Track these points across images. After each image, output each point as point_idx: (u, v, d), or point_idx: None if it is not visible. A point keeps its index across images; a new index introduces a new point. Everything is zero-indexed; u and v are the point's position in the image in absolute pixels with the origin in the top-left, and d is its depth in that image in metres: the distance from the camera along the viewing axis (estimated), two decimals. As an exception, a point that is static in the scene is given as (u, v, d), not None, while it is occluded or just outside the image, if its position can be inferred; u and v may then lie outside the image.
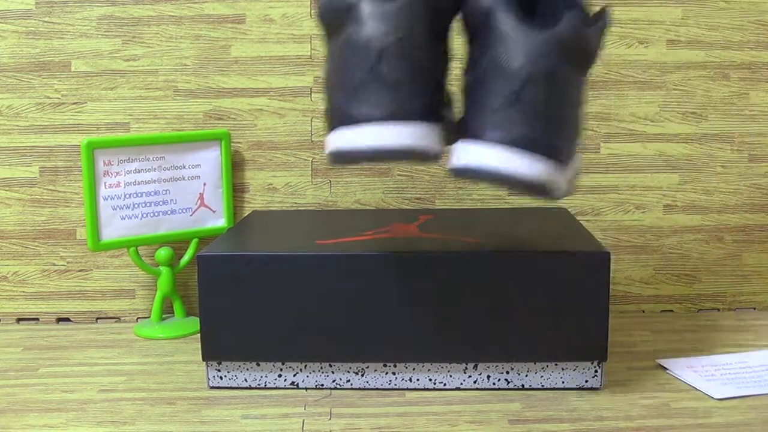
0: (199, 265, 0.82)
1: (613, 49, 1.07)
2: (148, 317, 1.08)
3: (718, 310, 1.11)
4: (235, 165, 1.08)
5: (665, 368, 0.89)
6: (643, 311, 1.10)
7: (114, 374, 0.89)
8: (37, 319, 1.09)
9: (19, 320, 1.09)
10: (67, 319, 1.09)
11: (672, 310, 1.11)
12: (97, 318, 1.09)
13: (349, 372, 0.84)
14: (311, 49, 1.06)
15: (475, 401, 0.81)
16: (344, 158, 0.69)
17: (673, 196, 1.09)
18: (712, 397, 0.81)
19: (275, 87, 1.07)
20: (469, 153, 0.68)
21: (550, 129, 0.67)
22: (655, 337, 0.99)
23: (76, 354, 0.96)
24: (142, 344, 1.00)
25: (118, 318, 1.09)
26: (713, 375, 0.86)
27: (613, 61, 1.07)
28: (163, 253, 1.04)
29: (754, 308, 1.11)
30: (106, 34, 1.05)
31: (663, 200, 1.09)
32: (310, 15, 1.06)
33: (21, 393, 0.84)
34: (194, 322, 1.05)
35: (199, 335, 1.03)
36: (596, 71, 1.07)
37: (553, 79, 0.67)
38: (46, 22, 1.05)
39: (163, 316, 1.06)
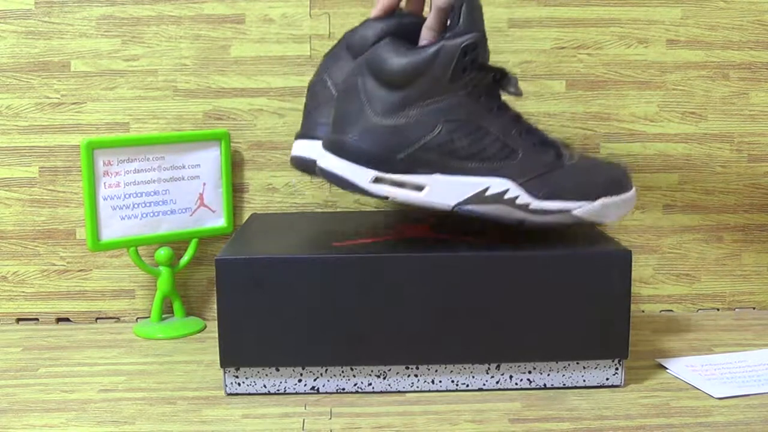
0: (218, 269, 0.81)
1: (612, 49, 1.07)
2: (148, 317, 1.08)
3: (718, 309, 1.11)
4: (235, 165, 1.08)
5: (665, 367, 0.89)
6: (643, 311, 1.11)
7: (114, 374, 0.89)
8: (37, 319, 1.09)
9: (18, 320, 1.09)
10: (66, 319, 1.09)
11: (671, 310, 1.11)
12: (97, 318, 1.09)
13: (371, 375, 0.84)
14: (311, 49, 1.06)
15: (476, 400, 0.81)
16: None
17: (673, 195, 1.09)
18: (712, 396, 0.81)
19: (275, 87, 1.07)
20: (302, 147, 0.91)
21: (347, 131, 0.82)
22: (655, 337, 0.99)
23: (75, 354, 0.96)
24: (141, 344, 1.00)
25: (118, 318, 1.09)
26: (713, 374, 0.86)
27: (612, 61, 1.07)
28: (163, 253, 1.04)
29: (754, 308, 1.11)
30: (105, 34, 1.05)
31: (662, 200, 1.09)
32: (310, 15, 1.06)
33: (21, 393, 0.84)
34: (194, 322, 1.05)
35: (198, 335, 1.03)
36: (596, 71, 1.07)
37: (353, 89, 0.82)
38: (45, 22, 1.05)
39: (163, 316, 1.06)
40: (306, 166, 0.90)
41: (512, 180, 0.82)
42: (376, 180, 0.82)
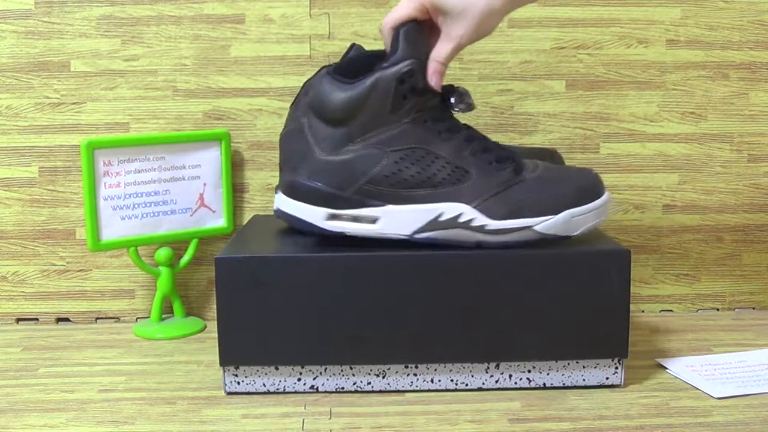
0: (217, 268, 0.81)
1: (612, 49, 1.07)
2: (148, 317, 1.08)
3: (718, 309, 1.11)
4: (235, 165, 1.08)
5: (665, 367, 0.89)
6: (643, 311, 1.11)
7: (114, 374, 0.89)
8: (37, 319, 1.09)
9: (18, 320, 1.09)
10: (66, 319, 1.09)
11: (671, 310, 1.11)
12: (97, 318, 1.09)
13: (369, 374, 0.84)
14: (310, 49, 1.06)
15: (475, 400, 0.81)
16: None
17: (673, 195, 1.09)
18: (712, 396, 0.81)
19: (275, 87, 1.07)
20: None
21: (297, 172, 0.83)
22: (655, 337, 0.99)
23: (75, 354, 0.96)
24: (141, 344, 1.00)
25: (118, 318, 1.09)
26: (712, 374, 0.86)
27: (612, 61, 1.07)
28: (163, 253, 1.04)
29: (754, 308, 1.11)
30: (105, 34, 1.06)
31: (662, 200, 1.09)
32: (310, 15, 1.06)
33: (21, 393, 0.84)
34: (194, 322, 1.05)
35: (198, 335, 1.03)
36: (596, 71, 1.07)
37: (300, 130, 0.83)
38: (45, 22, 1.05)
39: (163, 316, 1.06)
40: None
41: (466, 203, 0.81)
42: (331, 217, 0.82)
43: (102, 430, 0.76)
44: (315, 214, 0.82)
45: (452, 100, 0.84)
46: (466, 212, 0.81)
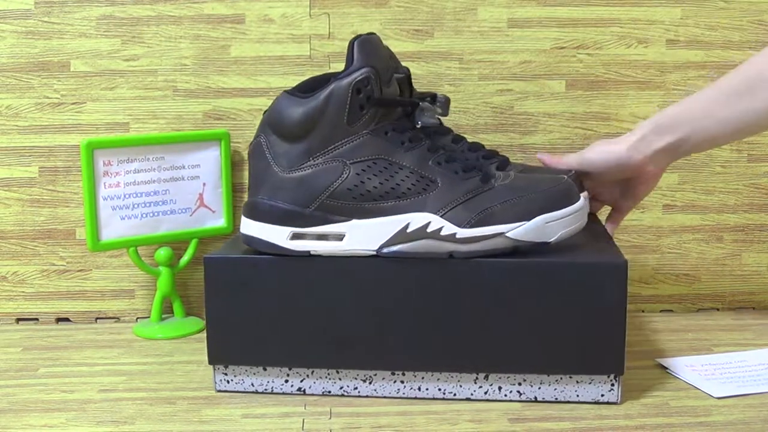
0: (206, 268, 0.82)
1: (612, 49, 1.07)
2: (148, 317, 1.08)
3: (718, 309, 1.11)
4: (235, 165, 1.08)
5: (665, 367, 0.89)
6: (643, 311, 1.11)
7: (114, 374, 0.89)
8: (37, 319, 1.09)
9: (18, 320, 1.09)
10: (66, 319, 1.09)
11: (671, 310, 1.11)
12: (97, 318, 1.09)
13: (356, 379, 0.83)
14: (310, 49, 1.06)
15: (475, 400, 0.81)
16: None
17: (673, 195, 1.09)
18: (712, 396, 0.81)
19: (275, 87, 1.07)
20: None
21: (258, 192, 0.82)
22: (655, 337, 0.99)
23: (75, 354, 0.96)
24: (141, 344, 1.00)
25: (118, 318, 1.09)
26: (713, 374, 0.86)
27: (612, 61, 1.07)
28: (163, 253, 1.04)
29: (753, 308, 1.11)
30: (105, 34, 1.06)
31: (662, 200, 1.09)
32: (310, 15, 1.06)
33: (21, 393, 0.84)
34: (194, 322, 1.05)
35: (198, 335, 1.03)
36: (596, 71, 1.07)
37: (258, 148, 0.82)
38: (45, 22, 1.05)
39: (163, 316, 1.06)
40: None
41: (432, 212, 0.79)
42: (295, 236, 0.80)
43: (102, 430, 0.76)
44: (277, 234, 0.81)
45: (415, 113, 0.83)
46: (434, 221, 0.79)
